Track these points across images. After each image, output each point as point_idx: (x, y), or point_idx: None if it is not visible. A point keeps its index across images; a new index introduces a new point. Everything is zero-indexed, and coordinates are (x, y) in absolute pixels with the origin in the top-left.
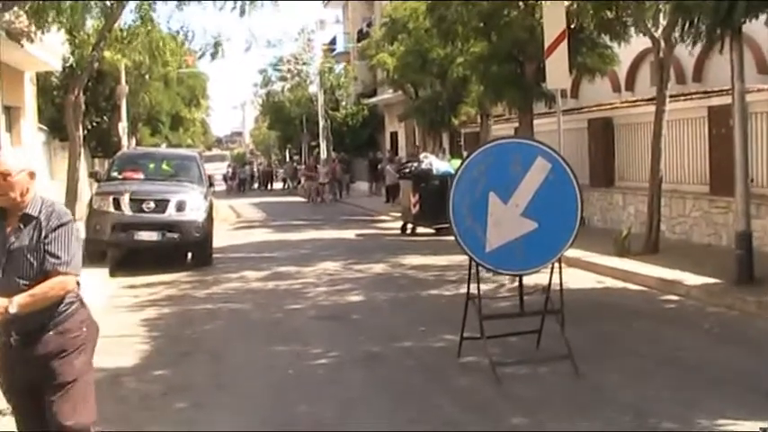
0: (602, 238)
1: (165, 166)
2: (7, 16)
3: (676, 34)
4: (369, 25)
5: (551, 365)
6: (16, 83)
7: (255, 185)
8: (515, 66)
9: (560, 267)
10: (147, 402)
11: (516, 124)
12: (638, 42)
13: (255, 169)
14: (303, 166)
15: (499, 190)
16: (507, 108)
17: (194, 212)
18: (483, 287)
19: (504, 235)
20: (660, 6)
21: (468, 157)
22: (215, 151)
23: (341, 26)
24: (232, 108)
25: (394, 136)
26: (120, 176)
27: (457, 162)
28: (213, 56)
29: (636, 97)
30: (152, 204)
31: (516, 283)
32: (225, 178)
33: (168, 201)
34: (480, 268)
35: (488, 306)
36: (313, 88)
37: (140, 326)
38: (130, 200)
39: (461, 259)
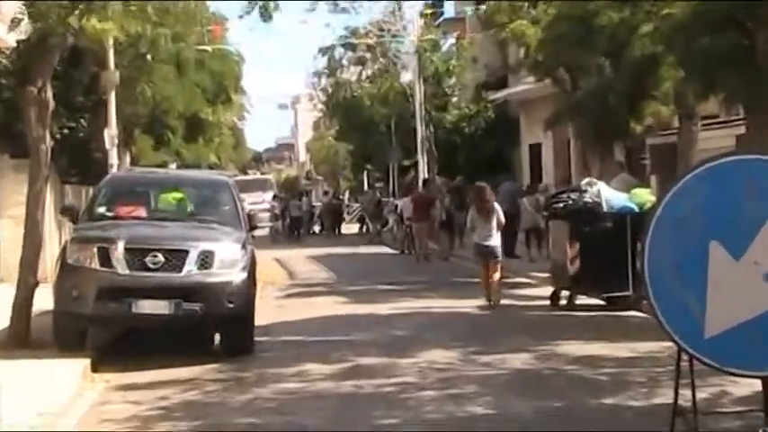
0: None
1: (179, 198)
2: None
3: None
4: None
5: None
6: None
7: (316, 228)
8: (739, 36)
9: None
10: None
11: (741, 130)
12: None
13: (315, 202)
14: (395, 199)
15: (726, 238)
16: (724, 104)
17: (226, 270)
18: (698, 394)
19: (737, 311)
20: None
21: (672, 185)
22: (252, 174)
23: None
24: (278, 107)
25: (535, 151)
26: (109, 213)
27: (643, 192)
28: (264, 15)
29: None
30: (160, 258)
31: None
32: (275, 216)
33: (186, 252)
34: (696, 363)
35: (706, 425)
36: (407, 76)
37: None
38: (126, 250)
39: (655, 348)
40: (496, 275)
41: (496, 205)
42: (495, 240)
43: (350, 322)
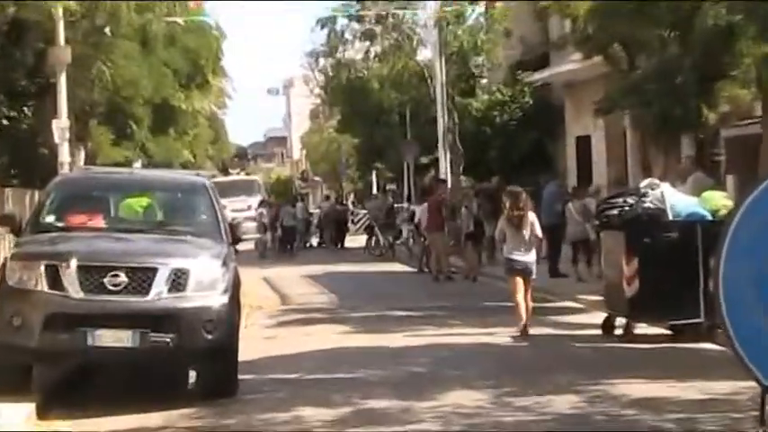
0: None
1: (145, 205)
2: None
3: None
4: None
5: None
6: None
7: (314, 240)
8: None
9: None
10: None
11: None
12: None
13: (313, 209)
14: (410, 205)
15: None
16: None
17: (204, 293)
18: None
19: None
20: None
21: (752, 187)
22: (235, 175)
23: None
24: (267, 93)
25: (583, 145)
26: (59, 224)
27: (717, 196)
28: None
29: None
30: (123, 278)
31: None
32: (264, 227)
33: (154, 270)
34: None
35: None
36: (425, 54)
37: None
38: (81, 269)
39: (732, 388)
40: (528, 297)
41: (532, 214)
42: (531, 255)
43: (356, 356)
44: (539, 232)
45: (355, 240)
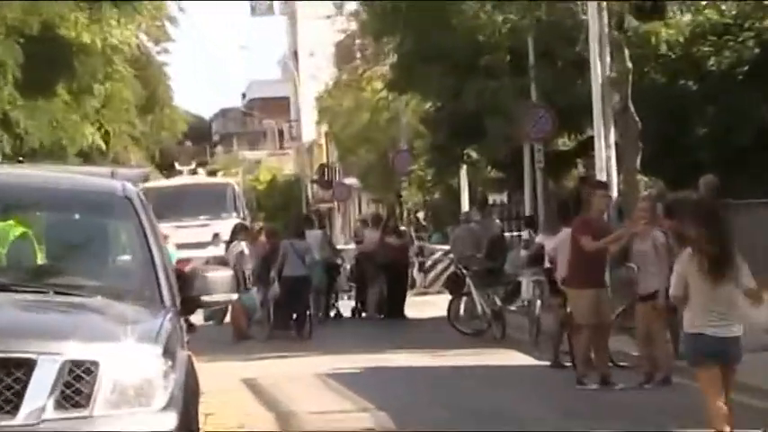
0: None
1: (11, 238)
2: None
3: None
4: None
5: None
6: None
7: (344, 304)
8: None
9: None
10: None
11: None
12: None
13: (344, 243)
14: (536, 234)
15: None
16: None
17: (127, 411)
18: None
19: None
20: None
21: None
22: (188, 175)
23: None
24: (251, 12)
25: None
26: None
27: None
28: None
29: None
30: None
31: None
32: (245, 278)
33: (29, 366)
34: None
35: None
36: None
37: None
38: None
39: None
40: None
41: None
42: (736, 326)
43: None
44: (752, 284)
45: (426, 304)
